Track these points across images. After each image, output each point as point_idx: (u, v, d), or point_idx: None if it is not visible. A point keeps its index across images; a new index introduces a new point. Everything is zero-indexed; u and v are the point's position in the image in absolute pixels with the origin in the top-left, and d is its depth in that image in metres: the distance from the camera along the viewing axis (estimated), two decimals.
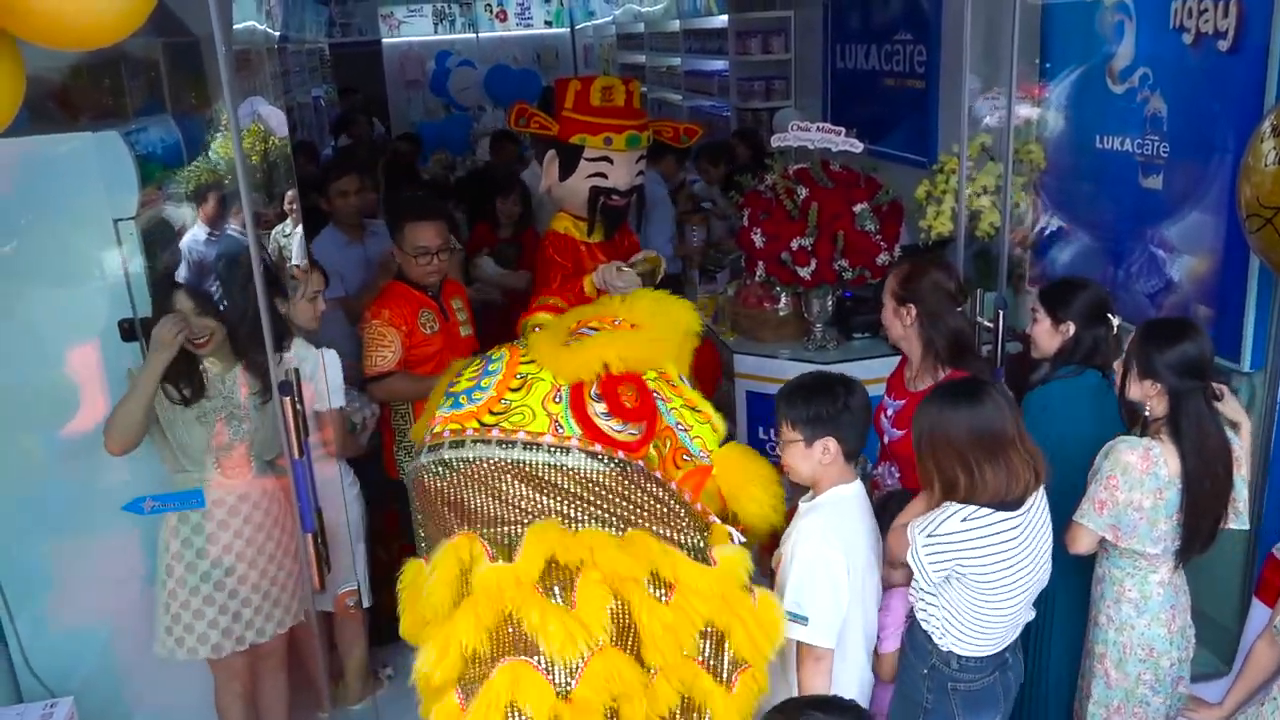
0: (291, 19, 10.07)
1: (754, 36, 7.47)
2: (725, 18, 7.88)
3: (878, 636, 2.62)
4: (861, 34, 6.10)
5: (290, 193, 3.56)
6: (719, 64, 8.33)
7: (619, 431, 2.32)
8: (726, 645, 2.19)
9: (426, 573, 2.16)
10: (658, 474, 2.34)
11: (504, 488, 2.22)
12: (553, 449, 2.23)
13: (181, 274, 3.16)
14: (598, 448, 2.26)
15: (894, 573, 2.60)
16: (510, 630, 2.05)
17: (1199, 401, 2.55)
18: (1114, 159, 3.86)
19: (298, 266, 3.50)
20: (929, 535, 2.37)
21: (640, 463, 2.32)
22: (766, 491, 2.52)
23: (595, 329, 2.43)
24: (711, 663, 2.19)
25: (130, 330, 3.02)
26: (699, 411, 2.53)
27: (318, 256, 4.85)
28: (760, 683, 2.25)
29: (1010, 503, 2.36)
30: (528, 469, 2.22)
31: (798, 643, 2.39)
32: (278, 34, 8.90)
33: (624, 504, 2.26)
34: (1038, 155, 4.23)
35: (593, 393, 2.32)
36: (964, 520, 2.35)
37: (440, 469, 2.28)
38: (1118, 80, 3.80)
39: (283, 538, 3.11)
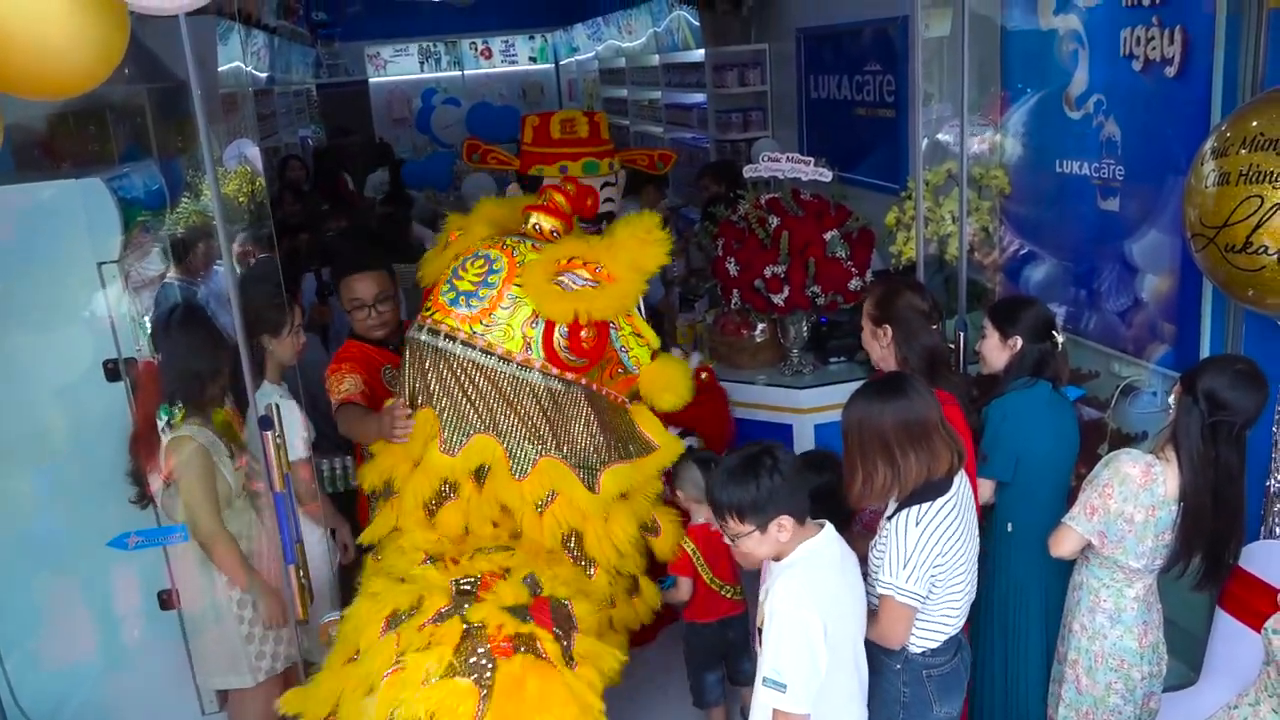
0: (279, 60, 10.21)
1: (730, 70, 7.61)
2: (702, 52, 8.02)
3: None
4: (833, 66, 6.24)
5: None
6: (698, 97, 8.46)
7: (573, 361, 2.90)
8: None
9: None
10: (594, 386, 3.02)
11: (477, 383, 2.89)
12: (520, 366, 2.87)
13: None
14: (554, 371, 2.90)
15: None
16: None
17: (1200, 422, 2.60)
18: (1073, 183, 3.97)
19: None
20: (905, 564, 2.43)
21: (583, 381, 2.97)
22: (672, 392, 3.15)
23: (580, 277, 2.84)
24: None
25: (115, 371, 3.09)
26: (641, 337, 3.10)
27: (307, 297, 4.98)
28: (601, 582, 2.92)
29: (939, 483, 2.45)
30: (496, 376, 2.87)
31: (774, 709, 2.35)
32: (264, 75, 9.05)
33: (560, 413, 2.92)
34: (1002, 180, 4.34)
35: (561, 329, 2.85)
36: (918, 524, 2.44)
37: (440, 356, 2.91)
38: (1074, 106, 3.91)
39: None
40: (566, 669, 2.41)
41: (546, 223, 2.98)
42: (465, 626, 2.42)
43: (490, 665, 2.35)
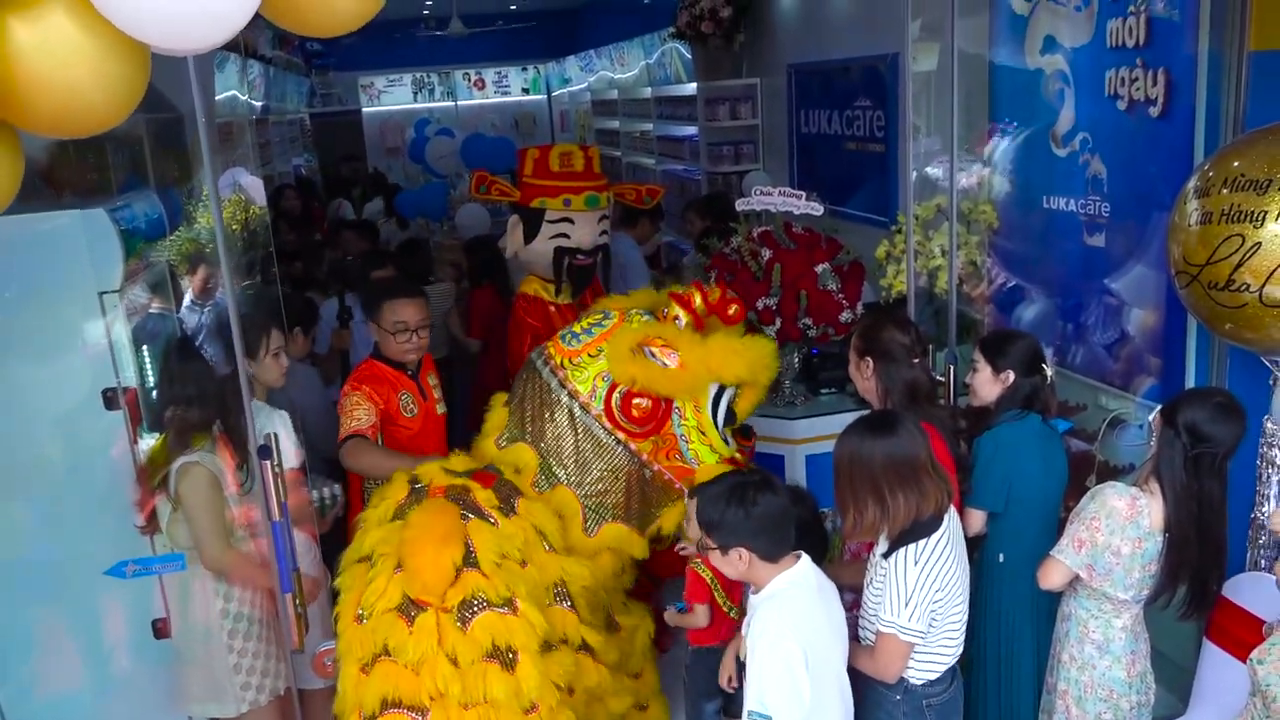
0: (273, 90, 10.29)
1: (722, 103, 7.70)
2: (695, 85, 8.12)
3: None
4: (824, 100, 6.34)
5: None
6: (690, 129, 8.54)
7: (623, 423, 3.12)
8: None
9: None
10: (644, 456, 3.16)
11: (544, 404, 3.19)
12: (581, 407, 3.12)
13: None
14: (606, 424, 3.12)
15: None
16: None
17: (1182, 454, 2.64)
18: (1060, 218, 4.04)
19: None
20: (907, 603, 2.46)
21: (632, 447, 3.13)
22: None
23: (655, 354, 3.08)
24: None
25: (113, 399, 3.11)
26: (705, 435, 3.17)
27: (327, 319, 4.97)
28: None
29: (927, 522, 2.49)
30: (557, 404, 3.15)
31: None
32: (260, 105, 9.12)
33: (594, 458, 3.14)
34: (990, 215, 4.41)
35: (620, 390, 3.08)
36: (916, 562, 2.47)
37: (533, 374, 3.26)
38: (1060, 144, 4.00)
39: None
40: (501, 517, 2.84)
41: (675, 311, 3.23)
42: (412, 486, 2.93)
43: (415, 506, 2.83)
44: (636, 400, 3.08)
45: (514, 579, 2.73)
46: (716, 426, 3.18)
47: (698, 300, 3.25)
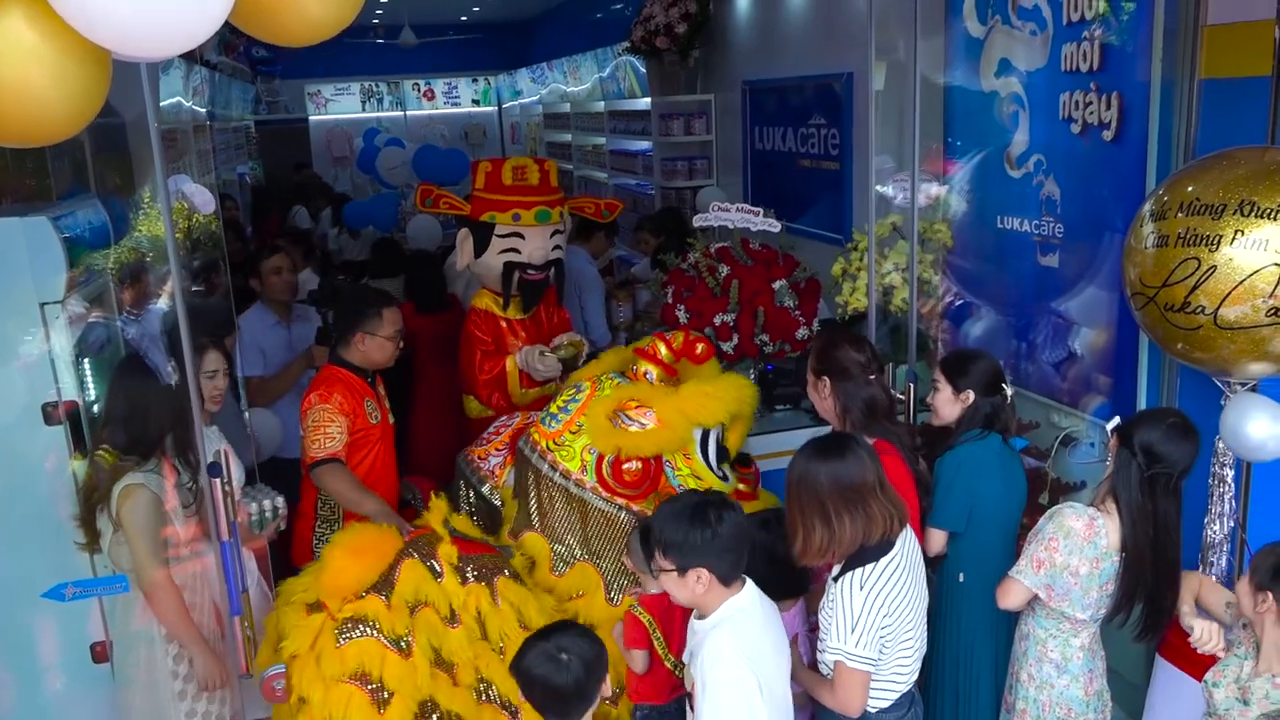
0: (218, 96, 10.10)
1: (676, 119, 7.72)
2: (649, 100, 8.13)
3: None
4: (778, 118, 6.37)
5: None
6: (643, 144, 8.55)
7: (618, 489, 3.16)
8: None
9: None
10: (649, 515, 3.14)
11: (542, 490, 3.23)
12: (576, 484, 3.17)
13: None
14: (604, 494, 3.17)
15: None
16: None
17: (1138, 475, 2.68)
18: (1014, 239, 4.10)
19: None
20: (853, 630, 2.45)
21: (635, 508, 3.17)
22: None
23: (631, 419, 3.09)
24: None
25: (54, 414, 3.00)
26: (701, 480, 3.20)
27: (243, 333, 4.82)
28: None
29: (875, 546, 2.49)
30: (554, 488, 3.20)
31: None
32: (204, 111, 8.95)
33: (602, 529, 3.18)
34: (945, 234, 4.45)
35: (609, 459, 3.13)
36: (862, 587, 2.46)
37: (524, 462, 3.29)
38: (1015, 165, 4.05)
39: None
40: (451, 576, 2.90)
41: (643, 366, 3.27)
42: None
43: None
44: (626, 466, 3.13)
45: (422, 628, 2.82)
46: (711, 468, 3.20)
47: (663, 350, 3.28)
